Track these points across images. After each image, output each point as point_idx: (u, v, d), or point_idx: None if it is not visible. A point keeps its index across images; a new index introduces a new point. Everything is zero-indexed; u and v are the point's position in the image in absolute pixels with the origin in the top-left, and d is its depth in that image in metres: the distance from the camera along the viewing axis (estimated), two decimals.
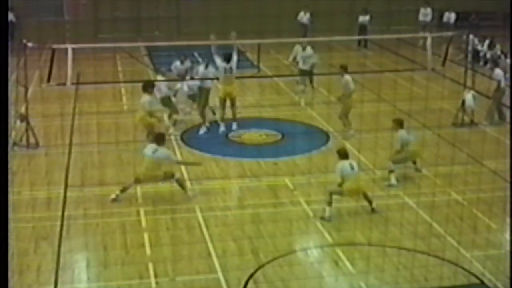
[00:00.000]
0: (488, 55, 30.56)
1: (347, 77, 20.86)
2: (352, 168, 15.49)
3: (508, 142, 19.41)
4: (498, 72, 22.93)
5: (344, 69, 21.06)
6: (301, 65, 25.59)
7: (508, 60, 28.81)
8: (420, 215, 15.44)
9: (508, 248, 14.02)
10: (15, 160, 17.86)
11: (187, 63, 23.19)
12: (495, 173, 17.75)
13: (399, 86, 25.35)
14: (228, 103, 21.07)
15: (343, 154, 15.76)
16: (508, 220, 14.63)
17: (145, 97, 19.26)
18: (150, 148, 16.32)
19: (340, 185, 15.43)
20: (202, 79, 21.20)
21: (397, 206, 15.73)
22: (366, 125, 20.58)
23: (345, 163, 15.58)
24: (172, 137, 20.55)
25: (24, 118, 19.37)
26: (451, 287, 12.66)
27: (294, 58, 26.65)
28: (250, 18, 21.35)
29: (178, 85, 21.89)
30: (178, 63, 23.19)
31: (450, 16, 35.22)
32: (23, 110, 19.70)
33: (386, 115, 20.92)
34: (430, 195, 16.36)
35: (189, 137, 20.67)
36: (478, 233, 14.44)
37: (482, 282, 12.82)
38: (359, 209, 15.63)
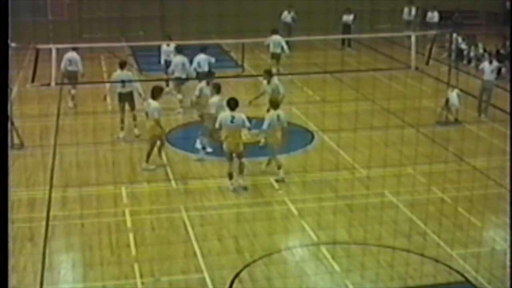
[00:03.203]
0: (472, 54, 30.71)
1: (276, 81, 20.02)
2: (278, 119, 17.10)
3: (492, 140, 19.56)
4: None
5: (268, 73, 20.17)
6: (271, 49, 27.88)
7: (486, 62, 28.96)
8: (402, 213, 15.54)
9: (492, 245, 14.18)
10: None
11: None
12: (478, 172, 17.87)
13: (383, 85, 25.48)
14: None
15: (274, 104, 17.38)
16: (508, 220, 14.65)
17: (154, 104, 17.99)
18: (227, 117, 16.59)
19: (265, 138, 17.45)
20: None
21: (380, 204, 15.80)
22: (349, 123, 20.70)
23: (274, 114, 17.07)
24: None
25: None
26: (435, 285, 12.75)
27: (268, 45, 28.02)
28: (233, 18, 21.35)
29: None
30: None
31: (434, 16, 35.38)
32: None
33: (370, 114, 21.02)
34: (415, 193, 16.48)
35: (174, 137, 20.67)
36: (460, 230, 14.55)
37: (467, 280, 12.92)
38: (343, 208, 15.70)
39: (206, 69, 23.50)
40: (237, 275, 12.95)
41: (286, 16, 34.94)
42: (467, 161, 18.55)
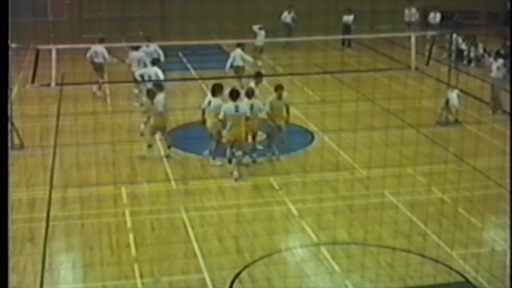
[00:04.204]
0: (472, 54, 30.71)
1: (285, 93, 19.12)
2: (236, 110, 17.42)
3: (492, 141, 19.55)
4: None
5: (281, 88, 18.93)
6: (257, 42, 29.42)
7: (491, 59, 28.98)
8: (402, 213, 15.53)
9: (492, 246, 14.18)
10: None
11: None
12: (479, 172, 17.87)
13: (383, 85, 25.47)
14: None
15: (234, 95, 17.70)
16: (508, 221, 14.60)
17: (217, 101, 18.12)
18: (231, 107, 17.48)
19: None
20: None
21: (380, 205, 15.79)
22: (349, 124, 20.69)
23: (232, 105, 17.59)
24: (157, 137, 20.53)
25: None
26: (435, 285, 12.75)
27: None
28: (233, 18, 21.43)
29: None
30: None
31: (435, 16, 35.41)
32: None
33: (370, 114, 21.02)
34: (415, 194, 16.47)
35: (173, 138, 20.65)
36: (460, 231, 14.55)
37: (467, 280, 12.92)
38: (343, 208, 15.69)
39: (240, 64, 25.02)
40: (237, 275, 12.95)
41: (286, 16, 34.94)
42: (467, 161, 18.54)
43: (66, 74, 25.50)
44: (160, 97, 18.91)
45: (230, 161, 17.94)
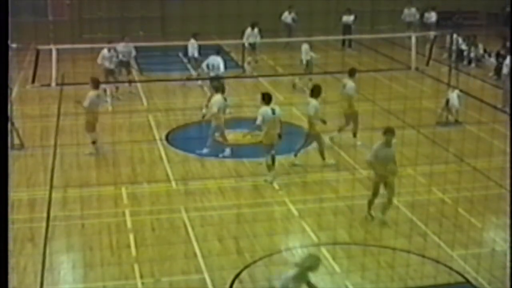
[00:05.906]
0: (472, 54, 30.71)
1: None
2: (273, 113, 17.36)
3: (492, 141, 19.54)
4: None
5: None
6: (250, 40, 29.67)
7: (492, 59, 29.01)
8: (403, 214, 15.52)
9: (492, 246, 14.17)
10: None
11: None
12: (479, 172, 17.86)
13: (384, 86, 25.46)
14: None
15: (267, 98, 17.59)
16: (508, 221, 14.58)
17: (313, 102, 18.47)
18: (267, 110, 17.32)
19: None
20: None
21: (380, 205, 15.75)
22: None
23: (268, 109, 17.45)
24: (157, 137, 20.56)
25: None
26: (435, 286, 12.74)
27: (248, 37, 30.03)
28: (233, 18, 21.45)
29: None
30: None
31: (430, 16, 35.42)
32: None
33: (370, 114, 20.99)
34: (415, 194, 16.45)
35: (174, 138, 20.67)
36: (461, 231, 14.54)
37: (467, 281, 12.91)
38: (343, 208, 15.68)
39: (307, 58, 26.01)
40: (237, 275, 12.95)
41: (287, 16, 34.94)
42: (467, 162, 18.54)
43: (66, 74, 25.52)
44: (90, 93, 19.11)
45: (269, 168, 17.44)
